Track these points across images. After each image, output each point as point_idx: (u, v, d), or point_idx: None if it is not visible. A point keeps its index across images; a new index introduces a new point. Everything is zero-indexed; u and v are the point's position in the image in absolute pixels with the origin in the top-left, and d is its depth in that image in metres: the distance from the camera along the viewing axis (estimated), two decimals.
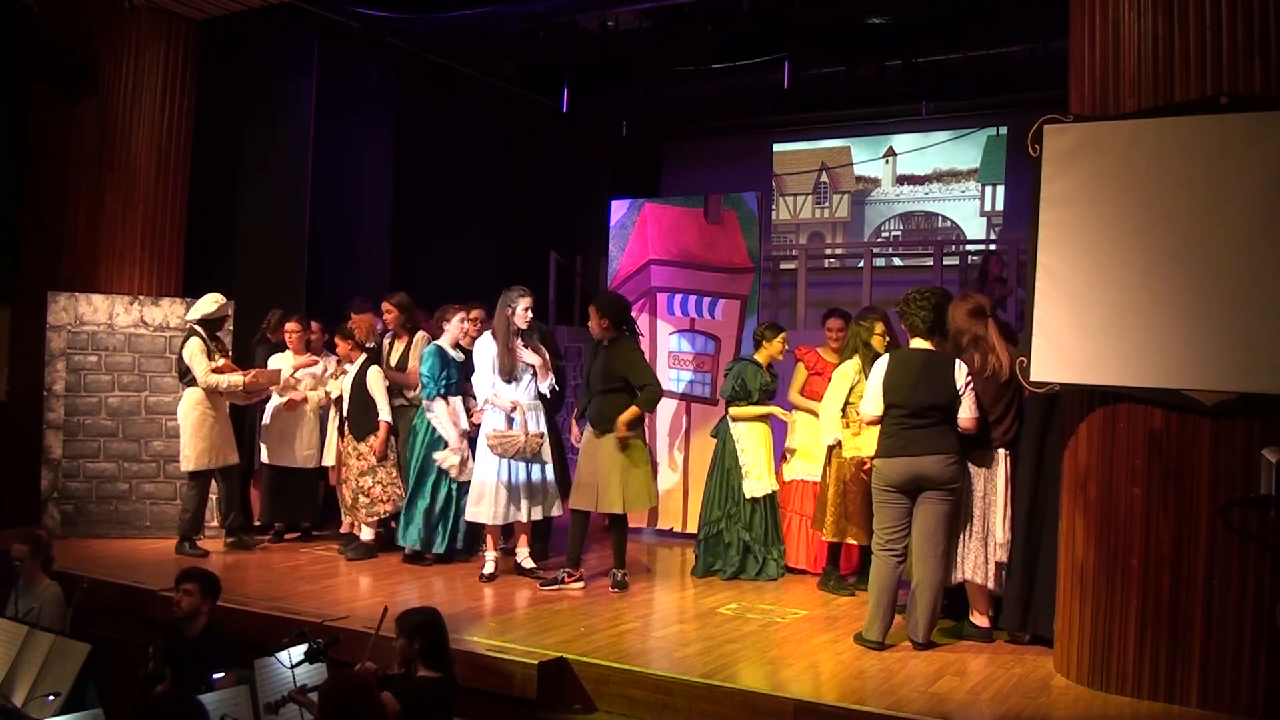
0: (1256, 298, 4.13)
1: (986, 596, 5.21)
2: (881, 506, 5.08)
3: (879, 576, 5.07)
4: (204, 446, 6.75)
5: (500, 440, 6.14)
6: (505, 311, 6.20)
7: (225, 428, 6.90)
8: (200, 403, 6.78)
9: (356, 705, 3.47)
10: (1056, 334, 4.52)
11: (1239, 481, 4.13)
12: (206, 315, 6.86)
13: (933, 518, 4.97)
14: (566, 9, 8.82)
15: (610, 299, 6.42)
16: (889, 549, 5.05)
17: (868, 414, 5.21)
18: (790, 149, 13.41)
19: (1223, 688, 4.20)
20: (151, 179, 7.82)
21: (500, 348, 6.20)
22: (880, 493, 5.07)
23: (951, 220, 12.68)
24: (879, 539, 5.09)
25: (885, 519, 5.06)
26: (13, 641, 4.45)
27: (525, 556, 6.46)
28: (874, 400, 5.14)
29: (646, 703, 4.49)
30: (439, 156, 10.68)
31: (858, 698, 4.27)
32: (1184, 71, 4.27)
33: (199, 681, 4.04)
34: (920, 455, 4.93)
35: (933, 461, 4.92)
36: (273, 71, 8.80)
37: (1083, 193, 4.48)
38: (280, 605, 5.49)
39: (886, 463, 5.04)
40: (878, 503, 5.10)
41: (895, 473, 4.99)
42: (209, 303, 6.89)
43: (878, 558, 5.09)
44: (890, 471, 5.01)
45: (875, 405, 5.14)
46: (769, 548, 6.54)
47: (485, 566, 6.32)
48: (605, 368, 6.08)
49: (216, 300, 6.91)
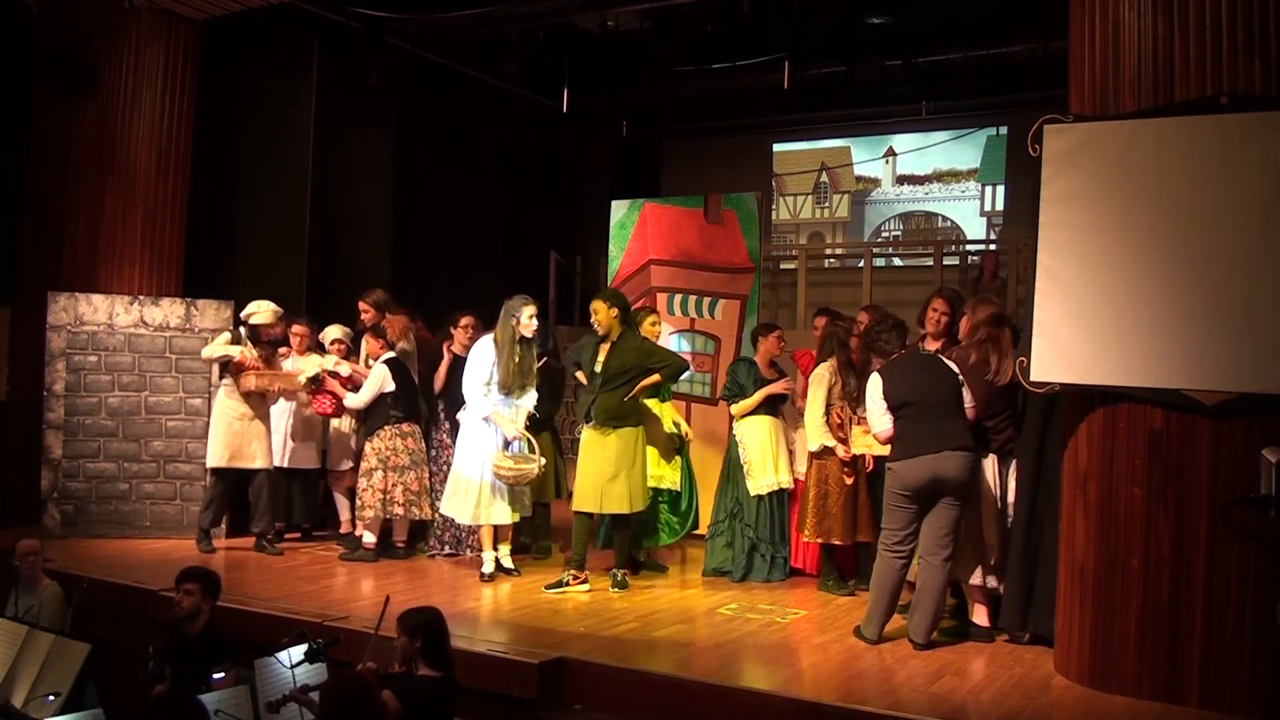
0: (1256, 298, 4.13)
1: (985, 596, 5.21)
2: (893, 509, 5.05)
3: (882, 577, 5.07)
4: (218, 445, 6.78)
5: (515, 473, 6.07)
6: (510, 321, 6.13)
7: (249, 430, 6.81)
8: (222, 401, 6.84)
9: (356, 705, 3.47)
10: (1056, 334, 4.52)
11: (1239, 481, 4.13)
12: (252, 318, 6.84)
13: (943, 521, 4.94)
14: (566, 9, 8.83)
15: (616, 291, 6.41)
16: (895, 551, 5.03)
17: (884, 430, 5.10)
18: (790, 149, 13.42)
19: (1223, 688, 4.19)
20: (151, 179, 7.82)
21: (505, 360, 6.11)
22: (894, 495, 5.02)
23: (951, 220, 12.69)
24: (886, 540, 5.09)
25: (895, 521, 5.04)
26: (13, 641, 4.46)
27: (505, 554, 6.42)
28: (881, 416, 5.08)
29: (646, 703, 4.48)
30: (439, 156, 10.68)
31: (858, 698, 4.27)
32: (1184, 71, 4.27)
33: (199, 681, 4.04)
34: (941, 451, 4.86)
35: (953, 460, 4.86)
36: (273, 71, 8.80)
37: (1083, 193, 4.48)
38: (280, 605, 5.49)
39: (906, 465, 4.95)
40: (889, 505, 5.08)
41: (914, 476, 4.91)
42: (265, 313, 6.86)
43: (882, 559, 5.09)
44: (909, 475, 4.92)
45: (884, 420, 5.07)
46: (776, 546, 6.49)
47: (484, 566, 6.32)
48: (618, 362, 5.99)
49: (274, 311, 6.90)
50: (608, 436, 5.99)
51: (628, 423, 6.01)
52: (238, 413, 6.81)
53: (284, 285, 8.47)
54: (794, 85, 10.05)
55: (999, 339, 5.16)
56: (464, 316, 6.94)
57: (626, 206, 8.39)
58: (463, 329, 6.89)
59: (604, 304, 6.07)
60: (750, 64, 10.41)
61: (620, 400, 5.98)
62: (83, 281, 7.62)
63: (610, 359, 6.03)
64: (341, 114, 9.29)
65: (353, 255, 9.49)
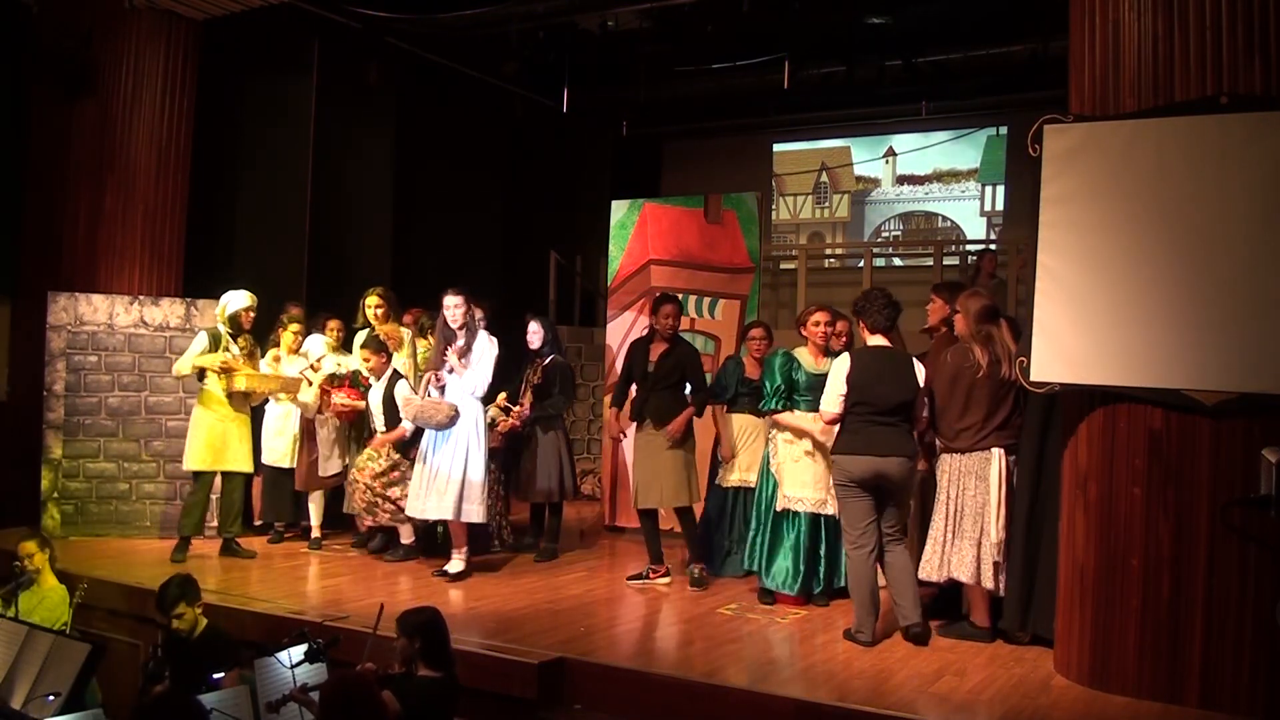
0: (1257, 298, 4.13)
1: (985, 597, 5.21)
2: (847, 503, 5.15)
3: (857, 576, 5.13)
4: (194, 447, 6.64)
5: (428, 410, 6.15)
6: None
7: (228, 432, 6.65)
8: (199, 403, 6.71)
9: (356, 705, 3.47)
10: (1057, 334, 4.52)
11: (1239, 481, 4.13)
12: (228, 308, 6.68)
13: (895, 513, 5.18)
14: (566, 9, 8.83)
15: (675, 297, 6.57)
16: (860, 545, 5.12)
17: (830, 412, 5.20)
18: (790, 149, 13.42)
19: (1223, 688, 4.20)
20: (151, 179, 7.82)
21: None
22: (843, 488, 5.15)
23: (951, 220, 12.69)
24: (850, 537, 5.16)
25: (853, 515, 5.14)
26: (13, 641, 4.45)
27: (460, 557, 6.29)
28: (836, 398, 5.16)
29: (646, 703, 4.48)
30: (439, 156, 10.68)
31: (858, 698, 4.27)
32: (1184, 71, 4.27)
33: (199, 681, 4.04)
34: (885, 455, 5.04)
35: (895, 463, 5.05)
36: (273, 71, 8.80)
37: (1083, 193, 4.48)
38: (280, 605, 5.49)
39: (850, 459, 5.10)
40: (843, 499, 5.17)
41: (859, 469, 5.07)
42: (242, 297, 6.70)
43: (851, 558, 5.18)
44: (854, 467, 5.08)
45: (837, 403, 5.16)
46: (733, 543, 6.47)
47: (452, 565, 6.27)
48: (670, 365, 6.20)
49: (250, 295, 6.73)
50: (660, 436, 6.14)
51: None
52: (219, 414, 6.64)
53: (284, 285, 8.48)
54: (794, 85, 10.04)
55: (995, 335, 5.16)
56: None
57: (626, 206, 8.39)
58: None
59: (672, 309, 6.29)
60: (750, 64, 10.41)
61: (672, 399, 6.17)
62: (83, 281, 7.62)
63: (664, 360, 6.21)
64: (341, 114, 9.29)
65: (353, 255, 9.49)
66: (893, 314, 5.26)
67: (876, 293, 5.34)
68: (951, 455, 5.20)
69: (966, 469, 5.15)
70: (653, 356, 6.28)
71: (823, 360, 5.87)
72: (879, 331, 5.24)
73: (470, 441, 6.18)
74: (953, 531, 5.16)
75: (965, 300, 5.32)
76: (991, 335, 5.16)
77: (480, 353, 6.23)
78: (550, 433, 6.93)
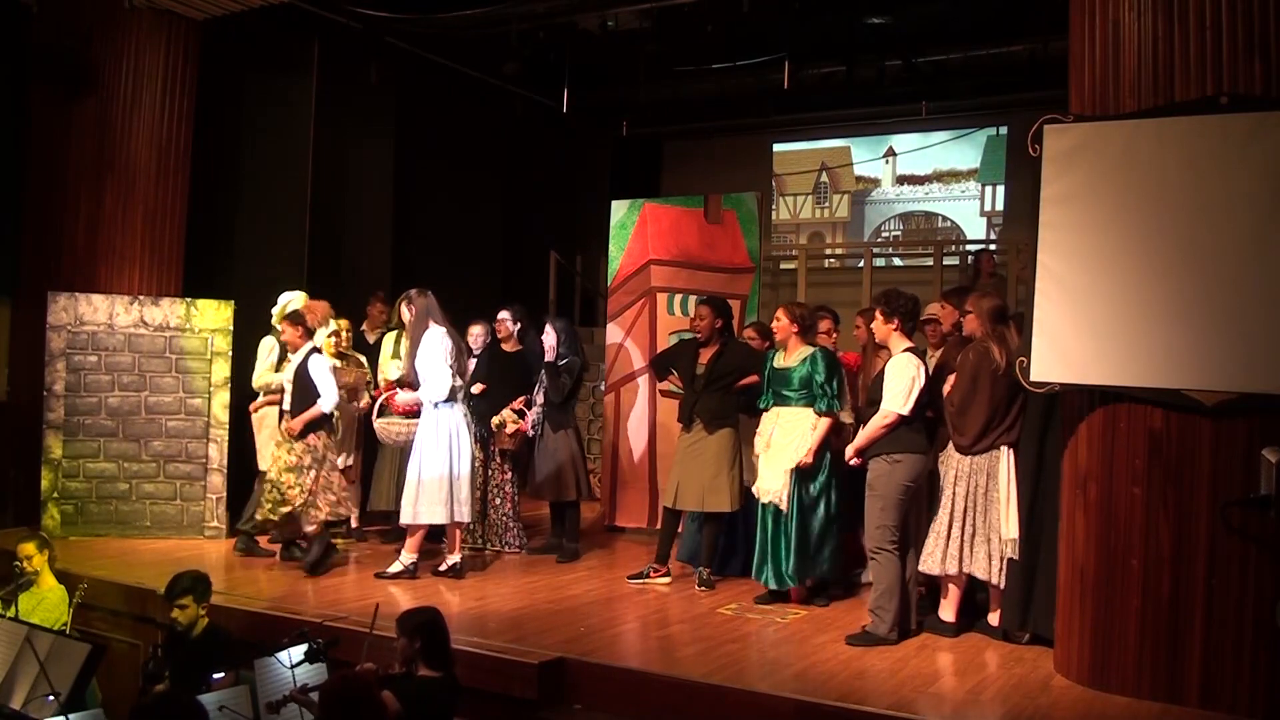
0: (1257, 298, 4.13)
1: (998, 596, 5.21)
2: (898, 503, 5.18)
3: (890, 574, 5.15)
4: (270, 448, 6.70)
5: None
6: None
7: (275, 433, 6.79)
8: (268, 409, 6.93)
9: (356, 705, 3.47)
10: (1057, 334, 4.52)
11: (1239, 481, 4.13)
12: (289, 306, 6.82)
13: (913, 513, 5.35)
14: (566, 9, 8.82)
15: (721, 299, 6.61)
16: (894, 545, 5.16)
17: (898, 412, 5.16)
18: (790, 149, 13.40)
19: (1223, 688, 4.20)
20: (151, 179, 7.81)
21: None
22: (903, 488, 5.18)
23: (951, 220, 12.68)
24: (888, 537, 5.16)
25: (894, 517, 5.18)
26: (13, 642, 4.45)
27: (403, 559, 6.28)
28: (908, 399, 5.17)
29: (646, 703, 4.49)
30: (439, 156, 10.67)
31: (859, 697, 4.28)
32: (1184, 72, 4.27)
33: (199, 681, 4.04)
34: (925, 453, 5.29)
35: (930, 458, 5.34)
36: (273, 71, 8.79)
37: (1083, 193, 4.48)
38: (280, 605, 5.49)
39: (921, 459, 5.22)
40: (894, 499, 5.17)
41: (920, 470, 5.22)
42: (300, 298, 6.89)
43: (886, 557, 5.16)
44: (919, 468, 5.22)
45: (908, 404, 5.17)
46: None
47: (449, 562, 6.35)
48: (723, 368, 6.21)
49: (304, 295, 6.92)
50: (708, 438, 6.15)
51: (727, 423, 6.19)
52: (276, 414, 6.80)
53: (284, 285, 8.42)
54: (794, 85, 10.03)
55: (1007, 335, 5.18)
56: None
57: (626, 206, 8.39)
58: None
59: (710, 311, 6.32)
60: (750, 64, 10.41)
61: (721, 400, 6.17)
62: (83, 281, 7.61)
63: (715, 361, 6.22)
64: (341, 114, 9.28)
65: (353, 255, 9.49)
66: (913, 307, 5.40)
67: (911, 297, 5.39)
68: (962, 453, 5.21)
69: (978, 467, 5.18)
70: (703, 359, 6.29)
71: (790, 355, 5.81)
72: (907, 335, 5.33)
73: (454, 443, 6.24)
74: (960, 528, 5.16)
75: (977, 300, 5.33)
76: (1004, 335, 5.18)
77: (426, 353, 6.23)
78: (561, 431, 6.95)
